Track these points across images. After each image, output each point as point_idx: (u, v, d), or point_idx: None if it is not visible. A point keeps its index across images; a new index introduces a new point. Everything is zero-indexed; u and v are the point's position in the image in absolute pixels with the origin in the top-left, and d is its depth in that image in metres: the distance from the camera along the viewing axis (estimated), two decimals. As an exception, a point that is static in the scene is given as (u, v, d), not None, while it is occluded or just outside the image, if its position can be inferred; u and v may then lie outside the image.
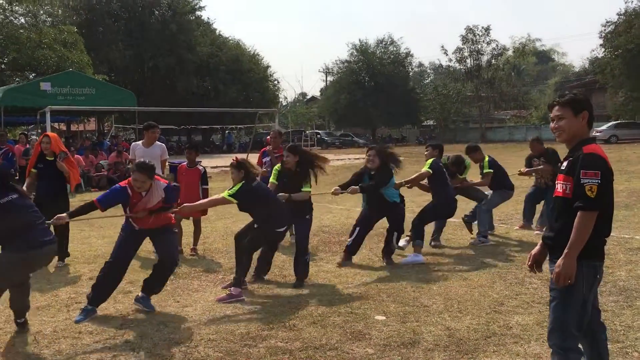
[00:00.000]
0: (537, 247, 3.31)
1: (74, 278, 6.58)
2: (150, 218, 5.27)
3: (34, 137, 22.76)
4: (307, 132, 49.73)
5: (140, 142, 8.11)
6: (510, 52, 55.65)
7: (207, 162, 8.38)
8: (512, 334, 4.45)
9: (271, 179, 6.37)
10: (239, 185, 5.62)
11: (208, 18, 54.49)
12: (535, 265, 3.32)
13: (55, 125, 30.50)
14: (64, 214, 5.18)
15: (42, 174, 7.20)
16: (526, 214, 8.97)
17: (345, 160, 26.12)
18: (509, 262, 6.78)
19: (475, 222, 8.26)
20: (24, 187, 7.40)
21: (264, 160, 8.56)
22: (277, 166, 6.52)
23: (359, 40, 57.15)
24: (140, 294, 5.40)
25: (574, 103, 3.15)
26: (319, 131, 53.30)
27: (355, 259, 7.06)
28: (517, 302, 5.22)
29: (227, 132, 48.94)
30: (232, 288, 5.61)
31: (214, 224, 9.69)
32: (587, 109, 3.16)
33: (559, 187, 3.12)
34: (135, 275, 6.50)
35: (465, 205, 8.52)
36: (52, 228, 7.13)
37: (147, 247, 7.00)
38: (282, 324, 4.81)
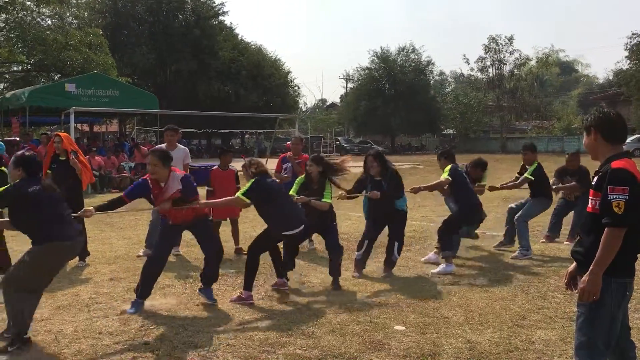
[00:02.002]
0: (574, 264, 3.23)
1: (94, 278, 6.63)
2: (182, 212, 5.38)
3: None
4: (327, 138, 49.76)
5: (163, 145, 8.15)
6: (533, 62, 55.10)
7: (227, 166, 8.40)
8: (534, 349, 4.37)
9: (291, 191, 6.44)
10: (251, 181, 5.65)
11: (231, 23, 55.06)
12: (572, 283, 3.25)
13: (78, 126, 30.93)
14: (91, 207, 5.22)
15: (55, 174, 7.31)
16: (552, 226, 8.83)
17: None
18: (531, 275, 6.68)
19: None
20: None
21: (284, 166, 8.55)
22: (300, 178, 6.61)
23: (380, 47, 57.28)
24: (202, 286, 5.68)
25: (585, 123, 3.24)
26: (338, 137, 53.27)
27: (374, 268, 7.02)
28: (540, 317, 5.14)
29: (246, 136, 48.93)
30: (242, 291, 5.69)
31: (233, 228, 9.70)
32: (595, 126, 3.14)
33: (590, 202, 3.07)
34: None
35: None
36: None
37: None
38: (301, 331, 4.78)
